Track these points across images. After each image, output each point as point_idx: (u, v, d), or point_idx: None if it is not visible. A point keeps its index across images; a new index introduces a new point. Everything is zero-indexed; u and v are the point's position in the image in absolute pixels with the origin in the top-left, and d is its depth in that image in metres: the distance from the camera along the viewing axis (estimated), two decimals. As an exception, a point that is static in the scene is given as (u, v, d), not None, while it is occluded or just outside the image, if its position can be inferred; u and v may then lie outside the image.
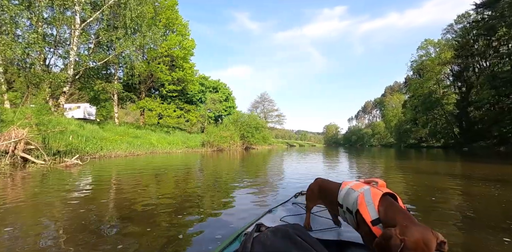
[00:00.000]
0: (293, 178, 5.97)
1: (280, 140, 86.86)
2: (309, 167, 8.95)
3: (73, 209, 3.10)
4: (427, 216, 2.99)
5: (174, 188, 4.78)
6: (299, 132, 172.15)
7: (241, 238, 1.37)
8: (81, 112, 21.22)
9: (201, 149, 22.26)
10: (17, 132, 7.66)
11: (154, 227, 2.43)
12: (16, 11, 11.93)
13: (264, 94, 67.41)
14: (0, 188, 4.51)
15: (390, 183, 5.62)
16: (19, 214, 2.93)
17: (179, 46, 25.44)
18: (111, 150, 12.24)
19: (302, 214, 1.74)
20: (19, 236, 2.21)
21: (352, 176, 6.83)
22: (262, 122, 38.98)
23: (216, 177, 6.45)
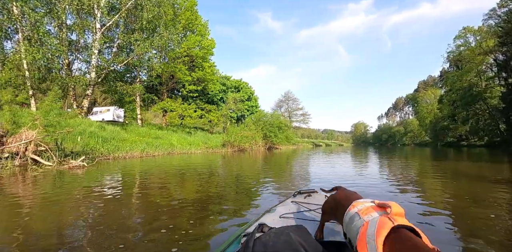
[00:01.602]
0: (318, 181, 5.43)
1: (306, 139, 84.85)
2: (334, 169, 8.05)
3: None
4: (477, 242, 2.05)
5: (177, 193, 4.20)
6: (325, 131, 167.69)
7: (240, 239, 1.32)
8: (111, 114, 21.97)
9: (222, 150, 21.92)
10: (27, 134, 7.62)
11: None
12: (37, 17, 12.27)
13: (288, 93, 66.09)
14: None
15: (426, 190, 4.63)
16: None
17: (198, 46, 25.39)
18: (127, 151, 12.15)
19: (301, 211, 1.71)
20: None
21: (381, 182, 5.82)
22: (286, 121, 38.01)
23: (234, 179, 5.88)
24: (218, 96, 33.70)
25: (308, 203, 1.84)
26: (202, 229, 2.43)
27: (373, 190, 4.67)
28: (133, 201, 3.88)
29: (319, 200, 1.89)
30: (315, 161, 12.18)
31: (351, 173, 7.15)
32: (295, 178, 6.30)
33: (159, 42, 17.60)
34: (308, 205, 1.81)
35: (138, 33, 16.95)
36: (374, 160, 12.46)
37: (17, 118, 8.17)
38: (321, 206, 1.69)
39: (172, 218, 2.78)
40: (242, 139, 24.08)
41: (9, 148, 7.55)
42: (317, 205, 1.75)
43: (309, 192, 2.11)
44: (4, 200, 3.75)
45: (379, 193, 4.31)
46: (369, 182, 5.47)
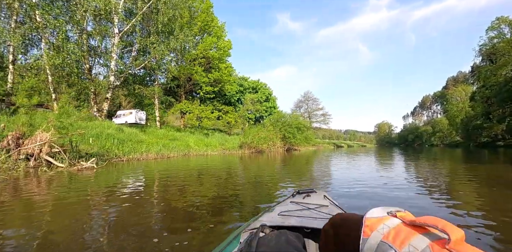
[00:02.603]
0: (339, 185, 5.13)
1: (327, 140, 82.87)
2: (356, 172, 7.47)
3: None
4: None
5: (180, 199, 3.88)
6: (347, 132, 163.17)
7: (239, 237, 1.28)
8: (133, 117, 22.61)
9: (239, 151, 21.65)
10: (42, 136, 7.72)
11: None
12: (57, 24, 12.68)
13: (307, 93, 64.82)
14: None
15: (460, 198, 4.01)
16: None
17: (215, 47, 25.41)
18: (142, 153, 12.16)
19: (299, 210, 1.67)
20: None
21: (408, 187, 5.19)
22: (305, 122, 37.11)
23: (249, 182, 5.49)
24: (235, 97, 33.61)
25: (307, 203, 1.81)
26: (219, 233, 2.42)
27: (399, 194, 4.09)
28: (134, 202, 3.78)
29: (317, 200, 1.89)
30: (336, 163, 11.52)
31: (374, 176, 6.52)
32: (315, 181, 5.86)
33: (175, 44, 17.71)
34: (306, 204, 1.78)
35: (154, 36, 17.14)
36: (399, 162, 11.56)
37: (33, 121, 8.34)
38: (319, 206, 1.74)
39: (175, 222, 2.74)
40: (260, 140, 23.66)
41: (25, 150, 7.68)
42: (316, 205, 1.76)
43: (308, 192, 2.09)
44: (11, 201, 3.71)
45: (406, 200, 3.73)
46: (394, 186, 4.87)
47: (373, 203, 3.75)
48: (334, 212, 1.59)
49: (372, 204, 3.70)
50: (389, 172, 7.64)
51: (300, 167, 10.16)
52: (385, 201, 3.86)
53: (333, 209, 1.69)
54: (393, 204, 3.62)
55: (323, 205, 1.75)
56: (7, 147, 7.53)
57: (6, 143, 7.55)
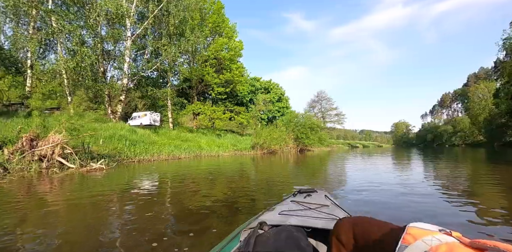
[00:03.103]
0: (353, 187, 4.86)
1: (341, 141, 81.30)
2: (372, 173, 7.12)
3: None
4: None
5: (186, 202, 3.73)
6: (362, 131, 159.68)
7: (240, 235, 1.29)
8: (148, 119, 23.05)
9: (251, 152, 21.47)
10: (54, 137, 7.83)
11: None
12: (70, 29, 12.99)
13: (320, 93, 63.87)
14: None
15: (490, 204, 3.59)
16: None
17: (226, 48, 25.41)
18: (153, 154, 12.20)
19: (299, 209, 1.64)
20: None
21: (429, 190, 4.83)
22: (318, 122, 36.44)
23: (259, 183, 5.29)
24: (247, 97, 33.49)
25: (308, 203, 1.80)
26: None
27: (418, 200, 3.75)
28: (138, 203, 3.71)
29: (318, 200, 1.88)
30: (350, 164, 11.10)
31: (392, 178, 6.14)
32: (329, 183, 5.60)
33: (186, 46, 17.80)
34: (307, 204, 1.77)
35: (165, 38, 17.29)
36: (417, 164, 10.99)
37: (46, 123, 8.51)
38: (320, 206, 1.70)
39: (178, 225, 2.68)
40: (272, 141, 23.39)
41: (39, 151, 7.82)
42: (317, 205, 1.75)
43: (308, 192, 2.08)
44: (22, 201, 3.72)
45: (429, 208, 3.40)
46: (414, 190, 4.52)
47: (390, 209, 3.44)
48: (335, 212, 1.59)
49: (389, 210, 3.41)
50: (406, 174, 7.21)
51: (313, 168, 9.85)
52: (404, 207, 3.54)
53: (334, 209, 1.67)
54: (414, 210, 3.30)
55: (324, 205, 1.74)
56: (21, 149, 7.68)
57: (21, 144, 7.70)
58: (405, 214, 3.14)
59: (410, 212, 3.24)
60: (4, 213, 3.22)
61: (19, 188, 5.01)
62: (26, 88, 13.58)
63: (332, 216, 1.52)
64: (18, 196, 4.30)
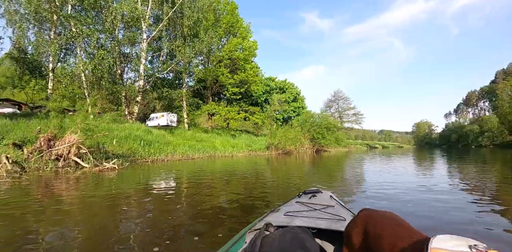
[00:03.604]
0: (371, 191, 4.56)
1: (359, 141, 79.26)
2: (392, 176, 6.70)
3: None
4: None
5: (194, 203, 3.60)
6: (382, 132, 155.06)
7: (245, 237, 1.30)
8: (165, 120, 23.54)
9: (265, 152, 21.23)
10: (70, 138, 7.98)
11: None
12: (88, 33, 13.36)
13: (337, 92, 62.45)
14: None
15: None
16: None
17: (240, 48, 25.37)
18: (167, 154, 12.27)
19: (305, 211, 1.64)
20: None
21: (455, 196, 4.42)
22: (335, 122, 35.59)
23: (275, 185, 5.08)
24: (262, 97, 33.29)
25: (312, 203, 1.79)
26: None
27: (446, 207, 3.39)
28: (142, 203, 3.60)
29: (324, 201, 1.87)
30: (368, 165, 10.59)
31: (414, 182, 5.69)
32: (345, 185, 5.28)
33: (200, 47, 17.88)
34: (312, 205, 1.76)
35: (179, 39, 17.45)
36: (441, 166, 10.31)
37: (63, 123, 8.73)
38: (325, 206, 1.70)
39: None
40: (287, 141, 23.03)
41: (56, 151, 8.01)
42: (321, 205, 1.75)
43: (313, 193, 2.06)
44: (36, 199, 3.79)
45: (457, 215, 3.05)
46: (439, 195, 4.13)
47: (412, 216, 3.12)
48: (340, 212, 1.58)
49: (411, 218, 3.07)
50: (429, 177, 6.70)
51: (329, 169, 9.49)
52: (428, 214, 3.20)
53: (339, 210, 1.65)
54: (440, 218, 2.95)
55: (329, 206, 1.74)
56: (39, 148, 7.90)
57: (39, 144, 7.92)
58: (429, 223, 2.80)
59: (435, 220, 2.90)
60: (26, 210, 3.35)
61: (37, 186, 5.12)
62: (48, 90, 14.13)
63: (337, 216, 1.52)
64: (37, 194, 4.39)
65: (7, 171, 6.05)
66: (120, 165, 8.49)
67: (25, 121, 10.52)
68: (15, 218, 3.03)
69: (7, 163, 6.35)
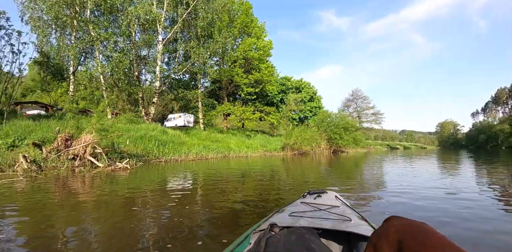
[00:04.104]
0: (391, 196, 4.24)
1: (379, 142, 76.80)
2: (415, 180, 6.24)
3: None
4: None
5: (200, 206, 3.47)
6: (403, 132, 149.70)
7: (250, 237, 1.27)
8: (182, 120, 23.98)
9: (280, 153, 20.92)
10: (86, 138, 8.14)
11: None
12: (105, 36, 13.73)
13: (356, 91, 60.86)
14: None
15: None
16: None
17: (254, 48, 25.26)
18: (181, 154, 12.31)
19: (310, 211, 1.61)
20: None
21: (491, 206, 4.00)
22: (353, 122, 34.57)
23: (290, 187, 4.86)
24: (277, 97, 32.98)
25: (317, 204, 1.76)
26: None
27: (481, 216, 3.02)
28: (146, 204, 3.52)
29: (329, 201, 1.86)
30: (388, 167, 10.00)
31: (440, 186, 5.22)
32: (364, 188, 4.97)
33: (214, 47, 17.92)
34: (317, 205, 1.73)
35: (194, 41, 17.58)
36: (470, 169, 9.55)
37: (80, 124, 8.95)
38: (330, 206, 1.71)
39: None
40: (303, 141, 22.59)
41: (73, 150, 8.19)
42: (327, 206, 1.73)
43: (318, 193, 2.05)
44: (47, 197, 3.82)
45: (495, 227, 2.70)
46: (470, 202, 3.73)
47: (442, 226, 2.78)
48: (346, 212, 1.57)
49: (441, 228, 2.73)
50: (457, 182, 6.15)
51: (347, 171, 9.08)
52: (460, 225, 2.86)
53: (345, 210, 1.64)
54: (478, 231, 2.60)
55: (334, 206, 1.72)
56: (57, 148, 8.11)
57: (56, 144, 8.13)
58: (463, 237, 2.47)
59: (470, 232, 2.56)
60: (46, 208, 3.48)
61: (55, 185, 5.22)
62: (69, 93, 14.67)
63: (343, 217, 1.49)
64: (55, 193, 4.51)
65: (23, 170, 6.23)
66: (134, 164, 8.56)
67: (47, 122, 10.94)
68: (32, 215, 3.12)
69: (24, 162, 6.54)
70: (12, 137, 8.96)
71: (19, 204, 3.69)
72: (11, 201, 3.83)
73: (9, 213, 3.21)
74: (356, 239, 1.28)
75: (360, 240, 1.26)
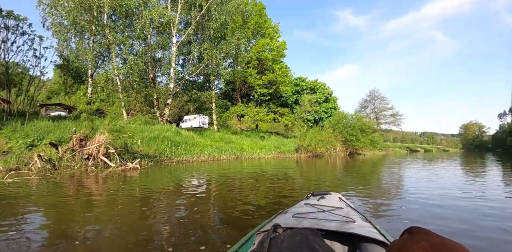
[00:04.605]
0: (412, 203, 3.90)
1: (398, 144, 74.22)
2: (436, 186, 5.83)
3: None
4: None
5: (210, 204, 3.35)
6: (424, 134, 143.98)
7: (253, 238, 1.28)
8: (197, 121, 24.24)
9: (294, 155, 20.57)
10: (99, 138, 8.27)
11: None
12: (121, 39, 14.04)
13: (373, 92, 59.11)
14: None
15: None
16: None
17: (268, 49, 25.09)
18: (193, 155, 12.30)
19: (314, 212, 1.61)
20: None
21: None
22: (370, 123, 33.52)
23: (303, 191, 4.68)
24: (292, 98, 32.59)
25: (321, 205, 1.73)
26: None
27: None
28: (149, 205, 3.44)
29: (333, 202, 1.84)
30: (408, 171, 9.46)
31: (464, 196, 4.76)
32: (382, 194, 4.64)
33: (227, 48, 17.93)
34: (321, 206, 1.71)
35: (207, 42, 17.67)
36: (498, 174, 8.88)
37: (94, 124, 9.12)
38: (334, 208, 1.70)
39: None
40: (318, 143, 22.10)
41: (87, 150, 8.35)
42: (331, 207, 1.70)
43: (322, 194, 2.03)
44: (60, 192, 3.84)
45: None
46: (502, 212, 3.38)
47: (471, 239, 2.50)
48: (349, 214, 1.56)
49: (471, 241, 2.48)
50: (485, 189, 5.68)
51: (363, 174, 8.69)
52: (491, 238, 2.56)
53: (348, 212, 1.63)
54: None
55: (338, 207, 1.72)
56: (72, 148, 8.29)
57: (72, 144, 8.31)
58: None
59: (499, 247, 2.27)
60: (64, 206, 3.59)
61: (70, 184, 5.29)
62: (87, 95, 15.14)
63: (347, 218, 1.49)
64: (69, 191, 4.63)
65: (37, 169, 6.37)
66: (146, 165, 8.60)
67: (65, 122, 11.27)
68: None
69: (38, 161, 6.70)
70: (32, 137, 9.26)
71: (34, 201, 3.75)
72: (26, 199, 3.88)
73: (23, 210, 3.27)
74: (360, 240, 1.28)
75: (364, 241, 1.26)
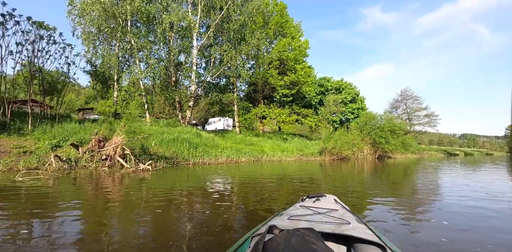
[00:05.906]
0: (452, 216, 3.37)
1: (435, 147, 69.21)
2: (483, 195, 5.02)
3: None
4: None
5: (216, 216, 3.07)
6: (464, 136, 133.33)
7: (249, 240, 1.29)
8: (221, 124, 24.48)
9: (317, 158, 19.72)
10: (116, 139, 8.36)
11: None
12: (143, 44, 14.41)
13: (405, 91, 55.57)
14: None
15: None
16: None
17: (289, 48, 24.56)
18: (211, 157, 12.13)
19: (309, 215, 1.63)
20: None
21: None
22: (402, 124, 31.44)
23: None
24: (316, 99, 31.59)
25: (316, 207, 1.74)
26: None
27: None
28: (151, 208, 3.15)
29: (328, 204, 1.84)
30: (446, 178, 8.28)
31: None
32: (414, 206, 3.99)
33: (246, 49, 17.75)
34: (316, 209, 1.72)
35: (226, 44, 17.63)
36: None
37: (113, 126, 9.29)
38: (330, 210, 1.72)
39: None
40: (343, 145, 21.02)
41: (105, 151, 8.47)
42: (326, 209, 1.72)
43: (317, 196, 2.02)
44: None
45: None
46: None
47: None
48: (345, 216, 1.57)
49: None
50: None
51: (393, 180, 7.87)
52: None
53: (344, 214, 1.62)
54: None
55: (333, 209, 1.71)
56: (91, 148, 8.46)
57: (91, 145, 8.49)
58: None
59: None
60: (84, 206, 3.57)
61: (86, 184, 5.26)
62: (113, 98, 15.73)
63: (342, 220, 1.48)
64: (88, 192, 4.71)
65: (53, 169, 6.49)
66: (159, 166, 8.53)
67: (90, 125, 11.70)
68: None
69: (54, 161, 6.85)
70: (58, 138, 9.65)
71: (46, 201, 3.77)
72: (39, 198, 3.90)
73: (39, 210, 3.29)
74: (355, 242, 1.27)
75: (359, 243, 1.25)
